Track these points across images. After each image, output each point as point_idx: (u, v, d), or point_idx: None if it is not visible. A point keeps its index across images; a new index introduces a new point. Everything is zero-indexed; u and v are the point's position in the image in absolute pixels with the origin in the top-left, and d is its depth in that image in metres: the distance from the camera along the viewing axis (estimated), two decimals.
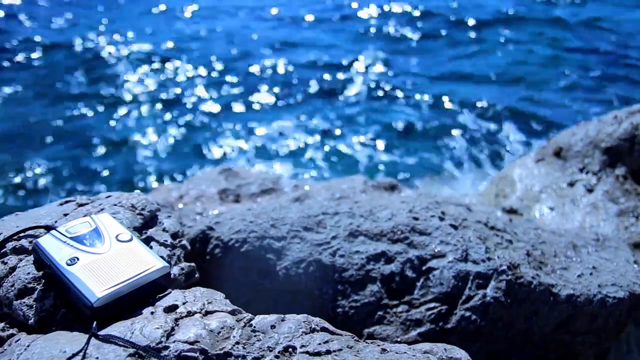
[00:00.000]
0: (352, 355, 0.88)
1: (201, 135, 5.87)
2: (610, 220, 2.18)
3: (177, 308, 0.96)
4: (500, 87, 6.78)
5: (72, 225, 1.05)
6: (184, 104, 6.53)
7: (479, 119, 5.98)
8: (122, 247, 1.01)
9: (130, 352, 0.82)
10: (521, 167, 2.69)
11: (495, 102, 6.32)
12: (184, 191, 2.40)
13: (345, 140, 5.69)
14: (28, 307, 0.99)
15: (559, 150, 2.60)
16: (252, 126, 6.01)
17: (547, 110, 6.13)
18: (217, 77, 7.19)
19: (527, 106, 6.25)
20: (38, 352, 0.85)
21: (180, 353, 0.84)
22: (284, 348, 0.88)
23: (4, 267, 1.06)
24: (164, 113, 6.31)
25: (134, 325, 0.89)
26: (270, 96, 6.69)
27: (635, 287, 1.61)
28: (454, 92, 6.61)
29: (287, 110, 6.36)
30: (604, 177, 2.36)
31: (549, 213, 2.33)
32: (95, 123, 6.08)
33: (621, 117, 2.46)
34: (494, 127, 5.82)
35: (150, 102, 6.55)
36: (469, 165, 5.13)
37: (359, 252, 1.52)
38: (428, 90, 6.68)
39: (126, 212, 1.24)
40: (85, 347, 0.83)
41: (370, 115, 6.19)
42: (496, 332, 1.46)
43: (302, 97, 6.66)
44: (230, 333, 0.90)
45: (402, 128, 5.91)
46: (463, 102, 6.39)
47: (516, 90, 6.69)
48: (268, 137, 5.79)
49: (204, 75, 7.25)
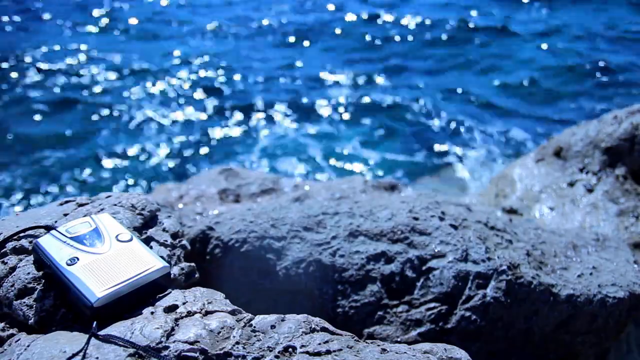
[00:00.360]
0: (352, 355, 0.88)
1: (201, 135, 5.87)
2: (610, 220, 2.18)
3: (177, 308, 0.96)
4: (502, 89, 6.78)
5: (72, 225, 1.05)
6: (184, 104, 6.53)
7: (479, 119, 5.99)
8: (122, 247, 1.01)
9: (130, 352, 0.82)
10: (521, 167, 2.69)
11: (495, 101, 6.33)
12: (184, 191, 2.40)
13: (345, 140, 5.69)
14: (28, 307, 0.99)
15: (559, 150, 2.60)
16: (252, 126, 6.01)
17: (550, 111, 6.13)
18: (217, 77, 7.19)
19: (528, 105, 6.25)
20: (38, 352, 0.85)
21: (180, 353, 0.84)
22: (284, 348, 0.88)
23: (4, 267, 1.06)
24: (164, 113, 6.32)
25: (134, 325, 0.89)
26: (270, 95, 6.69)
27: (635, 287, 1.61)
28: (455, 91, 6.61)
29: (287, 110, 6.36)
30: (604, 177, 2.36)
31: (549, 213, 2.33)
32: (95, 123, 6.08)
33: (621, 117, 2.46)
34: (494, 127, 5.82)
35: (150, 101, 6.55)
36: (470, 165, 5.13)
37: (359, 252, 1.52)
38: (429, 91, 6.69)
39: (126, 212, 1.24)
40: (85, 347, 0.83)
41: (370, 114, 6.20)
42: (496, 332, 1.46)
43: (302, 97, 6.66)
44: (230, 333, 0.90)
45: (402, 127, 5.91)
46: (463, 100, 6.39)
47: (518, 90, 6.70)
48: (268, 137, 5.79)
49: (204, 75, 7.25)
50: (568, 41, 8.18)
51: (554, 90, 6.66)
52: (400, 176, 4.96)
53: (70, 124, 5.99)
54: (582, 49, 7.87)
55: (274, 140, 5.73)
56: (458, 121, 5.96)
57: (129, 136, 5.83)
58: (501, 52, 7.91)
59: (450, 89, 6.74)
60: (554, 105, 6.30)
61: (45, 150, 5.49)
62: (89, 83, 6.99)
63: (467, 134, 5.71)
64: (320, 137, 5.75)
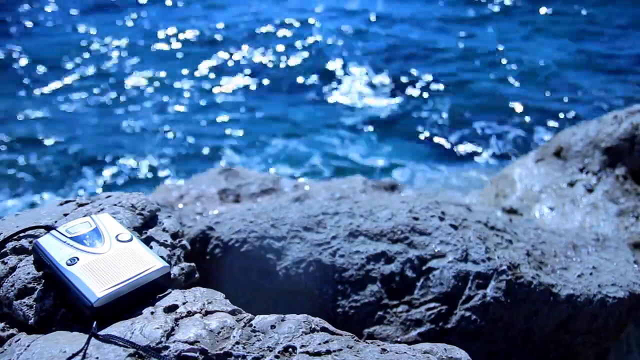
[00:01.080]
0: (352, 355, 0.88)
1: (201, 135, 5.87)
2: (610, 220, 2.18)
3: (177, 308, 0.96)
4: (506, 86, 6.77)
5: (72, 225, 1.05)
6: (183, 104, 6.53)
7: (479, 118, 5.99)
8: (122, 247, 1.01)
9: (130, 352, 0.82)
10: (521, 167, 2.69)
11: (495, 100, 6.32)
12: (184, 191, 2.40)
13: (345, 140, 5.69)
14: (28, 307, 0.99)
15: (559, 150, 2.60)
16: (252, 127, 6.01)
17: (553, 108, 6.12)
18: (217, 77, 7.20)
19: (530, 106, 6.25)
20: (38, 352, 0.85)
21: (180, 353, 0.84)
22: (284, 348, 0.88)
23: (4, 267, 1.06)
24: (164, 113, 6.32)
25: (134, 325, 0.89)
26: (270, 97, 6.69)
27: (635, 287, 1.61)
28: (455, 89, 6.61)
29: (287, 111, 6.36)
30: (604, 177, 2.36)
31: (549, 213, 2.33)
32: (95, 123, 6.08)
33: (621, 117, 2.46)
34: (494, 127, 5.82)
35: (149, 102, 6.56)
36: (471, 164, 5.13)
37: (359, 252, 1.52)
38: (428, 90, 6.69)
39: (126, 212, 1.24)
40: (85, 347, 0.83)
41: (369, 113, 6.20)
42: (496, 332, 1.46)
43: (303, 97, 6.66)
44: (230, 333, 0.90)
45: (401, 127, 5.91)
46: (463, 100, 6.39)
47: (518, 90, 6.69)
48: (268, 137, 5.79)
49: (203, 76, 7.25)
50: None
51: (560, 90, 6.63)
52: (400, 175, 4.96)
53: (69, 123, 5.99)
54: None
55: (274, 140, 5.73)
56: (458, 120, 5.96)
57: (129, 136, 5.83)
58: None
59: (451, 85, 6.74)
60: (560, 104, 6.28)
61: (45, 150, 5.49)
62: (89, 82, 6.99)
63: (467, 133, 5.71)
64: (320, 138, 5.75)
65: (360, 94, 6.69)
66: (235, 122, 6.13)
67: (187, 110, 6.39)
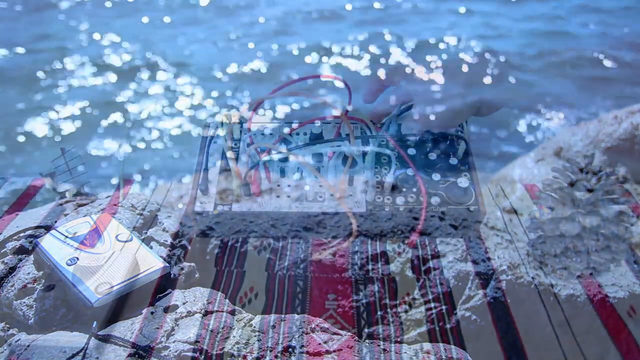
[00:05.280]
0: (352, 355, 0.88)
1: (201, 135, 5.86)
2: (610, 220, 2.17)
3: (177, 308, 0.96)
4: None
5: (72, 225, 1.05)
6: (184, 103, 6.53)
7: (479, 118, 5.98)
8: (122, 247, 1.01)
9: (130, 352, 0.82)
10: (521, 167, 2.69)
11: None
12: (184, 191, 2.40)
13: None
14: (28, 307, 0.99)
15: (559, 150, 2.60)
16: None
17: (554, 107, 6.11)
18: (216, 78, 7.20)
19: (530, 105, 6.23)
20: (38, 353, 0.85)
21: (180, 353, 0.84)
22: (284, 348, 0.88)
23: (4, 267, 1.06)
24: (164, 113, 6.32)
25: (134, 325, 0.89)
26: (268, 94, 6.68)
27: (635, 287, 1.61)
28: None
29: (287, 109, 6.36)
30: (604, 177, 2.35)
31: (549, 213, 2.32)
32: (94, 123, 6.08)
33: (621, 117, 2.46)
34: (494, 127, 5.82)
35: (149, 102, 6.56)
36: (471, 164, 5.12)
37: (359, 252, 1.52)
38: None
39: (126, 212, 1.24)
40: (85, 347, 0.83)
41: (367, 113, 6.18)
42: (496, 332, 1.46)
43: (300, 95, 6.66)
44: (230, 333, 0.91)
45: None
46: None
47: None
48: None
49: (203, 75, 7.25)
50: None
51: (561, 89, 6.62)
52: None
53: (69, 123, 5.99)
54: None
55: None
56: None
57: (129, 136, 5.83)
58: None
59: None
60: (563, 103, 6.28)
61: (45, 149, 5.49)
62: (87, 81, 6.99)
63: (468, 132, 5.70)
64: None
65: None
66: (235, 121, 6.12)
67: (187, 110, 6.40)
